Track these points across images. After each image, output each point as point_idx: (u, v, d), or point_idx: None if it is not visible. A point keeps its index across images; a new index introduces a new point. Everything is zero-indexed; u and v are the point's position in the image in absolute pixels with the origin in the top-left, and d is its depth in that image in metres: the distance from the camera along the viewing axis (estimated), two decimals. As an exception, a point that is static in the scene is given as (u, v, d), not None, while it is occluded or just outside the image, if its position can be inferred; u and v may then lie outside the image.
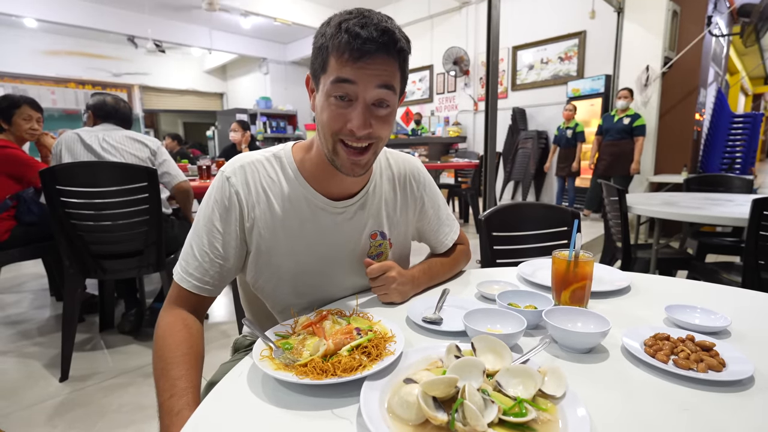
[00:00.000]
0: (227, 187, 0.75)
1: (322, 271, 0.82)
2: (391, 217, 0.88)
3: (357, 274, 0.86)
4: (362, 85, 0.65)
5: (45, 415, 1.54)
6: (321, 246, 0.80)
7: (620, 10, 4.52)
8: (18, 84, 7.25)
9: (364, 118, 0.66)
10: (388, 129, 0.71)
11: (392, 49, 0.65)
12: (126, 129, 2.06)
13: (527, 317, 0.68)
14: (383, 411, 0.49)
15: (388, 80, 0.66)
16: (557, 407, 0.49)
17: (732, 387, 0.54)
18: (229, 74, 10.35)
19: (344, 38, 0.62)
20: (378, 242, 0.86)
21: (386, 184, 0.88)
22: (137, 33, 7.00)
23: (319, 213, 0.79)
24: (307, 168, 0.79)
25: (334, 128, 0.68)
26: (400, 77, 0.68)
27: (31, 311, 2.57)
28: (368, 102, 0.67)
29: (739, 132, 4.75)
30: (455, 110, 6.87)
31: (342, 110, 0.67)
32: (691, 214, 1.84)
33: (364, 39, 0.62)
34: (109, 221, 1.73)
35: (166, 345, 0.66)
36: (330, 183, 0.79)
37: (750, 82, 12.98)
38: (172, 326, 0.69)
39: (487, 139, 2.95)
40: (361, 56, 0.63)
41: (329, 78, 0.65)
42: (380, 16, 0.65)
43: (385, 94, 0.67)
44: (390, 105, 0.69)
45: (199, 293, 0.74)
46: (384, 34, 0.63)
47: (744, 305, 0.82)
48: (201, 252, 0.74)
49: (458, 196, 5.20)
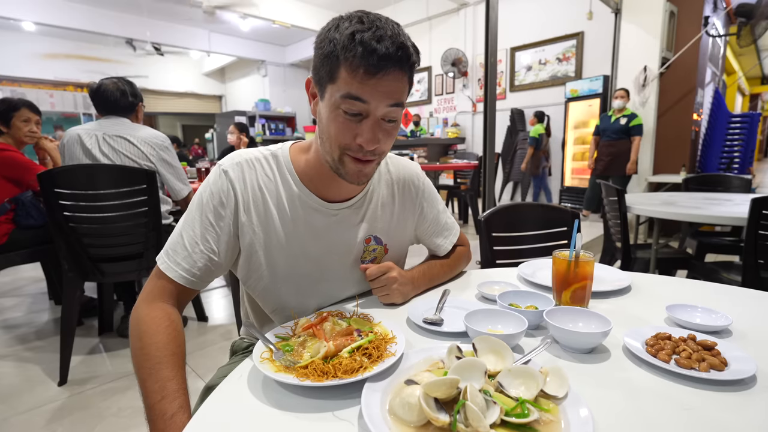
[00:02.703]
0: (224, 180, 0.74)
1: (314, 273, 0.81)
2: (387, 223, 0.88)
3: (350, 278, 0.85)
4: (374, 104, 0.64)
5: (44, 419, 1.53)
6: (313, 247, 0.80)
7: (617, 11, 4.53)
8: (17, 87, 7.25)
9: (373, 134, 0.66)
10: (392, 141, 0.71)
11: (406, 64, 0.64)
12: (129, 117, 1.94)
13: (528, 318, 0.68)
14: (384, 413, 0.48)
15: (399, 98, 0.66)
16: (559, 408, 0.49)
17: (734, 386, 0.54)
18: (228, 77, 10.36)
19: (359, 51, 0.60)
20: (372, 247, 0.86)
21: (384, 189, 0.87)
22: (136, 36, 7.02)
23: (312, 214, 0.79)
24: (303, 169, 0.78)
25: (342, 142, 0.67)
26: (407, 89, 0.69)
27: (30, 315, 2.56)
28: (378, 118, 0.66)
29: (737, 132, 4.76)
30: (454, 111, 6.88)
31: (352, 125, 0.66)
32: (690, 213, 1.84)
33: (381, 55, 0.60)
34: (108, 224, 1.72)
35: (153, 343, 0.63)
36: (326, 186, 0.79)
37: (747, 82, 13.03)
38: (158, 322, 0.66)
39: (485, 140, 2.95)
40: (376, 73, 0.62)
41: (339, 91, 0.64)
42: (393, 26, 0.64)
43: (393, 112, 0.67)
44: (397, 119, 0.69)
45: (185, 284, 0.71)
46: (399, 49, 0.62)
47: (745, 304, 0.82)
48: (191, 242, 0.72)
49: (457, 197, 5.21)
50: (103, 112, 1.93)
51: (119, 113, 1.93)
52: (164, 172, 1.93)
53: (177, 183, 1.98)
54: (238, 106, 9.51)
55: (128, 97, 1.93)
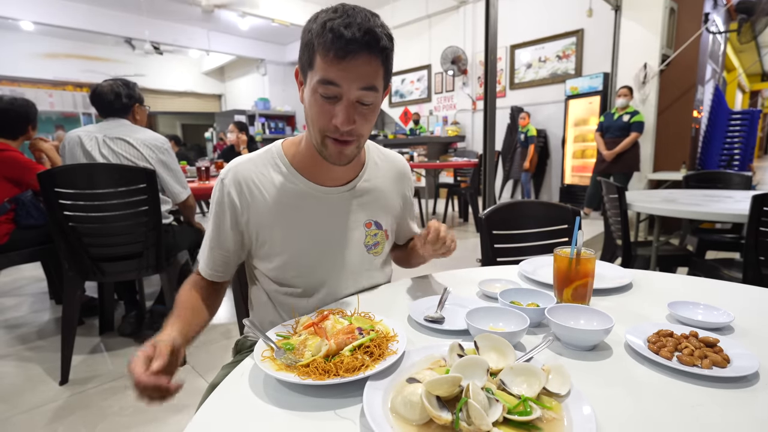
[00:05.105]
0: (222, 188, 0.82)
1: (321, 258, 0.85)
2: (387, 209, 0.92)
3: (355, 261, 0.88)
4: (346, 87, 0.69)
5: (45, 419, 1.54)
6: (316, 233, 0.84)
7: (617, 8, 4.52)
8: (16, 87, 7.24)
9: (347, 115, 0.70)
10: (371, 123, 0.76)
11: (375, 48, 0.67)
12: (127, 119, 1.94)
13: (530, 315, 0.68)
14: (386, 411, 0.48)
15: (371, 82, 0.70)
16: (562, 405, 0.48)
17: (737, 383, 0.54)
18: (228, 75, 10.34)
19: (328, 37, 0.65)
20: (373, 231, 0.90)
21: (381, 176, 0.92)
22: (135, 35, 7.00)
23: (310, 200, 0.83)
24: (297, 159, 0.84)
25: (321, 124, 0.73)
26: (383, 74, 0.72)
27: (31, 314, 2.56)
28: (352, 101, 0.70)
29: (737, 129, 4.76)
30: (453, 109, 6.87)
31: (328, 107, 0.71)
32: (691, 210, 1.84)
33: (348, 40, 0.65)
34: (108, 223, 1.72)
35: (179, 301, 0.81)
36: (320, 172, 0.84)
37: (747, 79, 13.00)
38: (185, 286, 0.85)
39: (485, 137, 2.95)
40: (344, 56, 0.66)
41: (315, 76, 0.69)
42: (364, 14, 0.68)
43: (366, 95, 0.71)
44: (372, 102, 0.73)
45: (210, 278, 0.86)
46: (366, 33, 0.66)
47: (746, 301, 0.82)
48: (210, 246, 0.85)
49: (458, 195, 5.20)
50: (103, 115, 1.94)
51: (116, 115, 1.94)
52: (163, 174, 1.91)
53: (176, 186, 1.97)
54: (238, 105, 9.51)
55: (122, 99, 1.93)
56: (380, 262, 0.93)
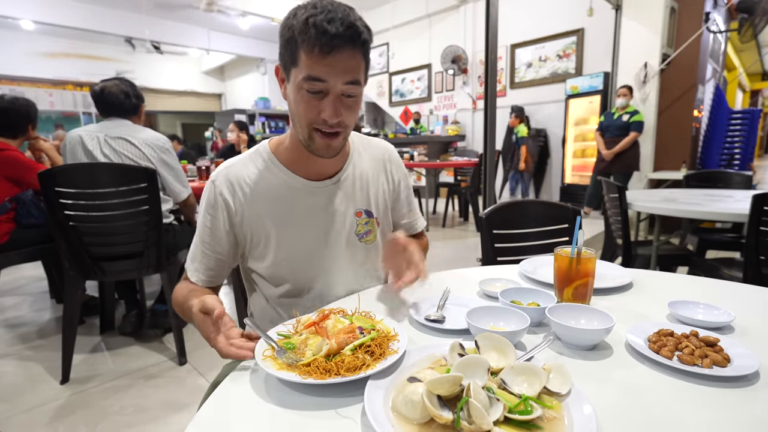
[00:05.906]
0: (213, 189, 0.83)
1: (314, 250, 0.86)
2: (374, 196, 0.93)
3: (348, 252, 0.89)
4: (332, 82, 0.71)
5: (46, 418, 1.54)
6: (308, 227, 0.85)
7: (618, 7, 4.51)
8: (16, 86, 7.24)
9: (335, 109, 0.73)
10: (356, 114, 0.78)
11: (357, 42, 0.70)
12: (131, 119, 1.94)
13: (530, 314, 0.68)
14: (387, 410, 0.48)
15: (355, 76, 0.72)
16: (562, 404, 0.49)
17: (737, 382, 0.54)
18: (228, 75, 10.34)
19: (312, 33, 0.67)
20: (364, 220, 0.91)
21: (365, 164, 0.93)
22: (135, 34, 7.00)
23: (299, 195, 0.85)
24: (284, 156, 0.85)
25: (309, 119, 0.75)
26: (364, 66, 0.74)
27: (31, 314, 2.56)
28: (338, 94, 0.72)
29: (738, 128, 4.75)
30: (454, 109, 6.86)
31: (315, 102, 0.73)
32: (691, 210, 1.83)
33: (332, 35, 0.66)
34: (109, 222, 1.72)
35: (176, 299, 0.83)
36: (306, 165, 0.85)
37: (747, 79, 12.99)
38: (179, 286, 0.86)
39: (486, 137, 2.95)
40: (330, 51, 0.68)
41: (300, 73, 0.71)
42: (343, 8, 0.70)
43: (351, 89, 0.73)
44: (357, 95, 0.75)
45: (204, 285, 0.85)
46: (349, 28, 0.68)
47: (747, 300, 0.82)
48: (201, 250, 0.85)
49: (458, 195, 5.20)
50: (106, 114, 1.93)
51: (123, 115, 1.94)
52: (165, 174, 1.92)
53: (177, 185, 1.97)
54: (238, 104, 9.51)
55: (132, 99, 1.94)
56: (375, 250, 0.93)
